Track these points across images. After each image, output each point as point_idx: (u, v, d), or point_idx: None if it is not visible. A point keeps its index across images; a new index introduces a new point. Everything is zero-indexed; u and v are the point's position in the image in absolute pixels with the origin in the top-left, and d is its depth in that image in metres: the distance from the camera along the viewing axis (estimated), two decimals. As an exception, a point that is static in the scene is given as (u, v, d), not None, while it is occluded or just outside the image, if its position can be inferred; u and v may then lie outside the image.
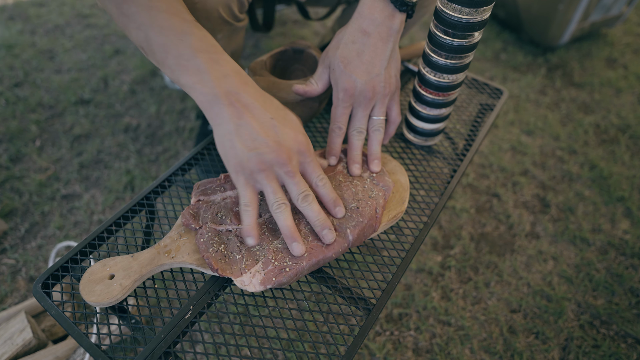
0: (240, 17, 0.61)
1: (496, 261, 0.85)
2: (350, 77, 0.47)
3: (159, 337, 0.40)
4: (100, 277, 0.41)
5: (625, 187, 0.99)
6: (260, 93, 0.41)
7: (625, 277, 0.83)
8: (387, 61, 0.47)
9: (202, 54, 0.39)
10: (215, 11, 0.56)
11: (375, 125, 0.50)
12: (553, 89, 1.26)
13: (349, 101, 0.48)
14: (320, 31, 1.39)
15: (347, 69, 0.47)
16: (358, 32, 0.47)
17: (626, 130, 1.14)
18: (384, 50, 0.47)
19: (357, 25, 0.47)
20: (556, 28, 1.28)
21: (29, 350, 0.61)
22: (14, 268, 0.79)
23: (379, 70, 0.47)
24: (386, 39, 0.47)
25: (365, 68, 0.47)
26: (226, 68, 0.39)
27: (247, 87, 0.40)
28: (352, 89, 0.47)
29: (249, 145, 0.38)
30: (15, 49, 1.24)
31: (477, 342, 0.73)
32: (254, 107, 0.39)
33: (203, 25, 0.57)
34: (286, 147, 0.40)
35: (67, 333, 0.58)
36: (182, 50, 0.39)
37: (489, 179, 1.00)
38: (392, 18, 0.46)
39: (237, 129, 0.39)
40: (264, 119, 0.39)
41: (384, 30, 0.46)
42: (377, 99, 0.48)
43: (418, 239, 0.49)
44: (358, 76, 0.47)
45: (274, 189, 0.40)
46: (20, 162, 0.96)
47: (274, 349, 0.39)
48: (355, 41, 0.47)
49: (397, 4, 0.45)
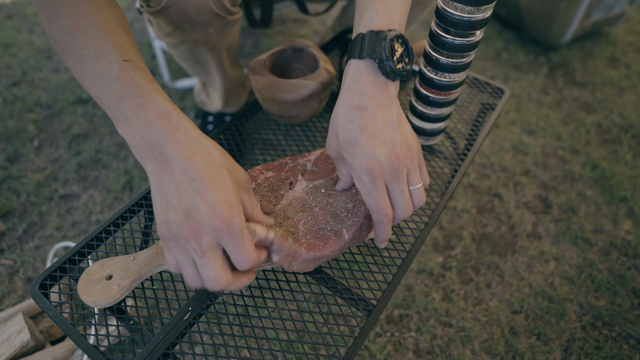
0: (233, 10, 0.60)
1: (497, 262, 0.84)
2: (366, 155, 0.39)
3: (157, 338, 0.39)
4: (98, 278, 0.41)
5: (628, 187, 0.99)
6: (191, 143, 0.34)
7: (628, 278, 0.82)
8: (397, 125, 0.40)
9: (125, 101, 0.35)
10: (206, 4, 0.55)
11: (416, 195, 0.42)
12: (555, 88, 1.25)
13: (380, 180, 0.39)
14: (320, 30, 1.38)
15: (359, 149, 0.39)
16: (351, 110, 0.40)
17: (629, 130, 1.14)
18: (389, 117, 0.40)
19: (347, 103, 0.40)
20: (558, 27, 1.28)
21: (26, 351, 0.61)
22: (12, 269, 0.79)
23: (395, 137, 0.40)
24: (386, 106, 0.40)
25: (380, 139, 0.39)
26: (150, 114, 0.34)
27: (175, 135, 0.34)
28: (377, 167, 0.39)
29: (163, 209, 0.34)
30: (13, 48, 1.24)
31: (478, 343, 0.73)
32: (176, 163, 0.34)
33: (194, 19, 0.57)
34: (196, 222, 0.33)
35: (65, 334, 0.58)
36: (110, 100, 0.35)
37: (490, 179, 0.99)
38: (386, 87, 0.40)
39: (157, 187, 0.34)
40: (183, 181, 0.33)
41: (380, 100, 0.40)
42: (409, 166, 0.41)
43: (419, 239, 0.48)
44: (376, 150, 0.39)
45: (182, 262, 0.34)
46: (18, 162, 0.96)
47: (273, 350, 0.39)
48: (352, 120, 0.40)
49: (389, 75, 0.40)
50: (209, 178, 0.33)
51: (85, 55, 0.36)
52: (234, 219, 0.33)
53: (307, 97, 0.53)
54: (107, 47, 0.37)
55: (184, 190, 0.33)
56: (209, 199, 0.33)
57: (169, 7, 0.55)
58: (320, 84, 0.54)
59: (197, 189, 0.33)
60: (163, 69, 1.13)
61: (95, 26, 0.37)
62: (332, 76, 0.56)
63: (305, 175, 0.49)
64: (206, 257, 0.33)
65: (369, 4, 0.42)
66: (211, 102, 0.92)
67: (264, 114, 0.65)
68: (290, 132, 0.63)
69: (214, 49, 0.67)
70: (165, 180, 0.34)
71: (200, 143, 0.35)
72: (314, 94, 0.54)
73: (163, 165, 0.34)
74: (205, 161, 0.34)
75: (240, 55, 1.26)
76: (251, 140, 0.62)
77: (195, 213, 0.33)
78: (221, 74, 0.78)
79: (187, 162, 0.34)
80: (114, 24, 0.38)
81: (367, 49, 0.40)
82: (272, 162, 0.51)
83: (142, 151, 0.35)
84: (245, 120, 0.64)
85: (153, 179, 0.35)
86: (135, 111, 0.35)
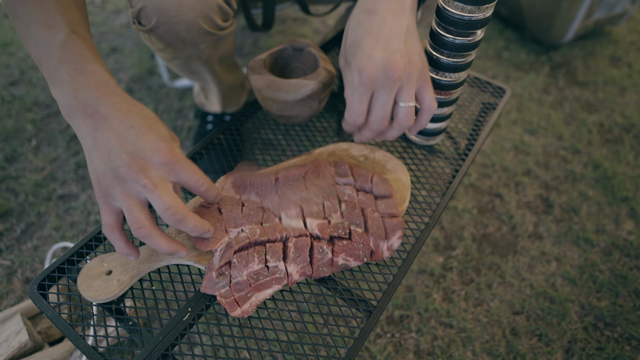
0: (224, 25, 0.60)
1: (498, 262, 0.84)
2: (364, 55, 0.39)
3: (156, 339, 0.39)
4: (98, 273, 0.41)
5: (630, 187, 0.98)
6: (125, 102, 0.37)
7: (630, 279, 0.82)
8: (404, 36, 0.39)
9: (66, 65, 0.36)
10: (196, 24, 0.55)
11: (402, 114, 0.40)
12: (556, 87, 1.25)
13: (368, 85, 0.39)
14: (320, 29, 1.38)
15: (359, 50, 0.39)
16: (363, 13, 0.40)
17: (630, 130, 1.13)
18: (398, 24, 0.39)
19: (360, 7, 0.41)
20: (559, 26, 1.27)
21: (24, 352, 0.60)
22: (10, 269, 0.79)
23: (398, 45, 0.39)
24: (398, 12, 0.39)
25: (381, 44, 0.38)
26: (89, 79, 0.36)
27: (110, 97, 0.36)
28: (370, 69, 0.38)
29: (104, 159, 0.35)
30: (11, 47, 1.24)
31: (479, 345, 0.73)
32: (113, 117, 0.36)
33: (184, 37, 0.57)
34: (142, 159, 0.35)
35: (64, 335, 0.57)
36: (50, 63, 0.37)
37: (492, 179, 0.99)
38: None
39: (94, 143, 0.36)
40: (122, 129, 0.36)
41: (393, 5, 0.39)
42: (403, 80, 0.39)
43: (419, 239, 0.48)
44: (374, 53, 0.38)
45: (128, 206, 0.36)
46: (16, 161, 0.96)
47: (273, 352, 0.39)
48: (362, 21, 0.40)
49: None
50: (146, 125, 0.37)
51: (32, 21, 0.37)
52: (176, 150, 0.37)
53: (307, 97, 0.53)
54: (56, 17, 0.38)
55: (124, 136, 0.36)
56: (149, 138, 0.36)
57: (159, 27, 0.55)
58: (320, 83, 0.53)
59: (137, 133, 0.36)
60: (162, 69, 1.12)
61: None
62: (332, 76, 0.55)
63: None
64: (159, 188, 0.36)
65: None
66: (210, 104, 0.92)
67: (264, 113, 0.65)
68: (290, 132, 0.62)
69: (207, 63, 0.67)
70: (104, 133, 0.36)
71: (135, 104, 0.38)
72: (314, 94, 0.53)
73: (98, 122, 0.36)
74: (140, 115, 0.37)
75: (240, 54, 1.25)
76: (250, 140, 0.62)
77: (140, 152, 0.36)
78: (216, 82, 0.78)
79: (124, 116, 0.36)
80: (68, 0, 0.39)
81: None
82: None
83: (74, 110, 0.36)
84: (245, 120, 0.63)
85: (89, 136, 0.36)
86: (73, 75, 0.36)
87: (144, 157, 0.35)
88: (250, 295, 0.41)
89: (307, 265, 0.42)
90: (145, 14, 0.54)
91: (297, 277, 0.42)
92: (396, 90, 0.40)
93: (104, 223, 0.37)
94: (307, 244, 0.43)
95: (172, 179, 0.37)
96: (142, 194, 0.36)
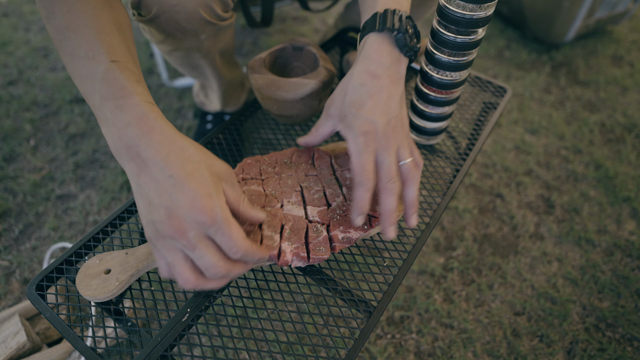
0: (225, 16, 0.60)
1: (500, 263, 0.83)
2: (367, 119, 0.42)
3: (155, 340, 0.39)
4: (96, 272, 0.41)
5: (632, 187, 0.98)
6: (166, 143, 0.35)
7: (632, 279, 0.82)
8: (399, 102, 0.44)
9: (108, 102, 0.35)
10: (196, 12, 0.55)
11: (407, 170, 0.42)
12: (558, 87, 1.24)
13: (373, 145, 0.41)
14: (320, 28, 1.37)
15: (362, 112, 0.42)
16: (367, 75, 0.43)
17: (632, 129, 1.13)
18: (396, 92, 0.43)
19: (364, 68, 0.44)
20: (561, 25, 1.27)
21: (23, 353, 0.60)
22: (8, 270, 0.79)
23: (395, 111, 0.43)
24: (397, 82, 0.44)
25: (382, 109, 0.42)
26: (129, 116, 0.35)
27: (151, 137, 0.34)
28: (373, 131, 0.41)
29: (146, 210, 0.34)
30: (9, 47, 1.24)
31: (480, 346, 0.72)
32: (152, 162, 0.34)
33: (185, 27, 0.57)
34: (178, 217, 0.33)
35: (62, 336, 0.57)
36: (95, 100, 0.36)
37: (493, 179, 0.98)
38: (399, 63, 0.44)
39: (138, 190, 0.35)
40: (160, 179, 0.34)
41: (394, 74, 0.44)
42: (399, 141, 0.43)
43: (420, 240, 0.48)
44: (376, 117, 0.42)
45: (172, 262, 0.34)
46: (14, 161, 0.95)
47: (273, 353, 0.38)
48: (365, 84, 0.43)
49: (404, 49, 0.44)
50: (186, 173, 0.34)
51: (76, 55, 0.37)
52: (216, 209, 0.34)
53: (307, 96, 0.53)
54: (96, 47, 0.37)
55: (162, 188, 0.34)
56: (187, 193, 0.33)
57: (160, 16, 0.55)
58: (320, 82, 0.53)
59: (174, 185, 0.33)
60: (161, 68, 1.12)
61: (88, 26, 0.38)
62: (332, 75, 0.55)
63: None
64: (198, 249, 0.33)
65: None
66: (210, 103, 0.92)
67: (264, 113, 0.65)
68: (290, 132, 0.62)
69: (208, 55, 0.67)
70: (144, 181, 0.34)
71: (176, 142, 0.35)
72: (313, 93, 0.53)
73: (140, 167, 0.34)
74: (180, 158, 0.34)
75: (239, 53, 1.25)
76: (250, 140, 0.61)
77: (176, 209, 0.33)
78: (217, 77, 0.77)
79: (163, 161, 0.34)
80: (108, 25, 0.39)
81: (387, 23, 0.43)
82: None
83: (120, 153, 0.35)
84: (245, 119, 0.63)
85: (133, 182, 0.35)
86: (115, 112, 0.35)
87: (180, 216, 0.33)
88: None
89: (301, 246, 0.42)
90: (145, 4, 0.54)
91: (289, 256, 0.42)
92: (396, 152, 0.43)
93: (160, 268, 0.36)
94: (303, 227, 0.43)
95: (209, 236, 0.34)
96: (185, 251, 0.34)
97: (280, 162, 0.50)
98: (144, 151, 0.34)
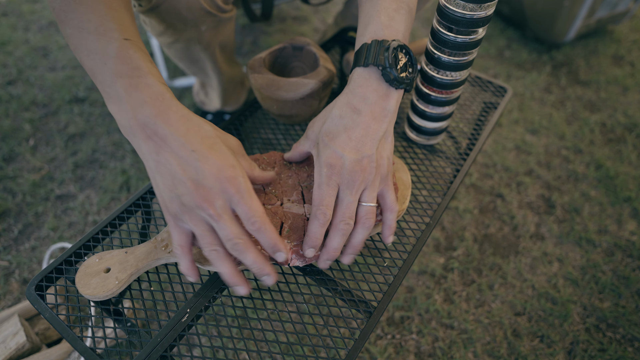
0: (226, 8, 0.60)
1: (500, 263, 0.83)
2: (336, 152, 0.40)
3: (155, 340, 0.39)
4: (96, 270, 0.41)
5: (632, 188, 0.98)
6: (183, 120, 0.36)
7: (632, 280, 0.81)
8: (378, 141, 0.41)
9: (121, 80, 0.35)
10: (197, 2, 0.55)
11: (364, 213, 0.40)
12: (558, 87, 1.24)
13: (336, 180, 0.40)
14: (320, 28, 1.37)
15: (333, 144, 0.40)
16: (347, 108, 0.41)
17: (633, 129, 1.12)
18: (376, 130, 0.41)
19: (347, 101, 0.42)
20: (561, 25, 1.27)
21: (22, 354, 0.60)
22: (7, 270, 0.78)
23: (369, 151, 0.40)
24: (379, 119, 0.41)
25: (354, 145, 0.40)
26: (145, 94, 0.35)
27: (168, 115, 0.35)
28: (339, 166, 0.39)
29: (169, 185, 0.35)
30: (9, 46, 1.24)
31: (480, 346, 0.72)
32: (173, 139, 0.35)
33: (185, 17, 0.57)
34: (205, 188, 0.34)
35: (62, 336, 0.57)
36: (105, 76, 0.36)
37: (493, 179, 0.98)
38: (387, 98, 0.42)
39: (157, 166, 0.35)
40: (184, 153, 0.35)
41: (377, 110, 0.41)
42: (368, 182, 0.40)
43: (420, 240, 0.48)
44: (346, 152, 0.40)
45: (201, 232, 0.35)
46: (14, 161, 0.95)
47: (272, 353, 0.38)
48: (344, 117, 0.41)
49: (392, 82, 0.41)
50: (207, 147, 0.35)
51: (84, 29, 0.37)
52: (239, 178, 0.35)
53: (307, 96, 0.53)
54: (108, 23, 0.37)
55: (187, 162, 0.34)
56: (212, 165, 0.35)
57: (160, 5, 0.55)
58: (320, 82, 0.53)
59: (198, 158, 0.34)
60: (161, 67, 1.12)
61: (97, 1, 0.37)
62: (332, 75, 0.55)
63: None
64: (223, 219, 0.35)
65: (374, 17, 0.43)
66: (210, 102, 0.92)
67: (263, 113, 0.65)
68: (290, 132, 0.62)
69: (208, 48, 0.67)
70: (166, 157, 0.35)
71: (192, 119, 0.36)
72: (314, 93, 0.53)
73: (159, 144, 0.35)
74: (199, 134, 0.36)
75: (239, 53, 1.25)
76: (250, 140, 0.61)
77: (204, 180, 0.34)
78: (217, 73, 0.77)
79: (183, 137, 0.35)
80: (116, 2, 0.39)
81: (371, 57, 0.41)
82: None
83: (134, 131, 0.35)
84: (244, 119, 0.63)
85: (151, 159, 0.35)
86: (129, 90, 0.35)
87: (207, 186, 0.34)
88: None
89: (300, 243, 0.42)
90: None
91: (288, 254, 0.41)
92: (360, 192, 0.40)
93: (176, 242, 0.37)
94: (302, 225, 0.43)
95: (232, 207, 0.36)
96: (209, 221, 0.35)
97: (279, 162, 0.50)
98: (162, 129, 0.35)
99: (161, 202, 0.36)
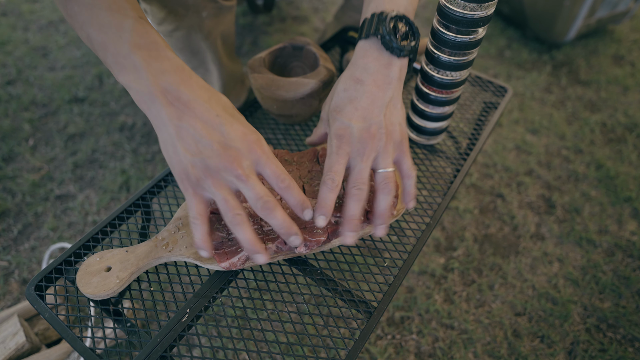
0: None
1: (500, 263, 0.83)
2: (343, 123, 0.41)
3: (155, 340, 0.39)
4: (97, 269, 0.41)
5: (633, 188, 0.97)
6: (205, 89, 0.37)
7: (633, 280, 0.81)
8: (385, 108, 0.42)
9: (140, 51, 0.36)
10: None
11: (382, 179, 0.41)
12: (558, 86, 1.24)
13: (345, 149, 0.41)
14: (320, 27, 1.37)
15: (340, 116, 0.42)
16: (350, 81, 0.43)
17: (634, 129, 1.12)
18: (381, 97, 0.42)
19: (349, 74, 0.43)
20: (562, 24, 1.26)
21: (22, 354, 0.60)
22: (7, 270, 0.78)
23: (377, 117, 0.41)
24: (383, 87, 0.42)
25: (360, 114, 0.41)
26: (165, 64, 0.36)
27: (190, 83, 0.36)
28: (348, 135, 0.41)
29: (192, 150, 0.35)
30: (8, 46, 1.23)
31: (480, 346, 0.72)
32: (197, 104, 0.35)
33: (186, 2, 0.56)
34: (233, 149, 0.35)
35: (61, 337, 0.57)
36: (119, 48, 0.36)
37: (493, 179, 0.98)
38: (389, 66, 0.43)
39: (178, 132, 0.35)
40: (208, 117, 0.35)
41: (379, 78, 0.42)
42: (379, 148, 0.41)
43: (420, 240, 0.48)
44: (353, 122, 0.41)
45: (224, 197, 0.35)
46: (13, 161, 0.95)
47: (272, 353, 0.38)
48: (347, 89, 0.43)
49: (393, 50, 0.42)
50: (230, 115, 0.37)
51: (95, 5, 0.37)
52: (263, 142, 0.37)
53: (307, 96, 0.53)
54: (120, 2, 0.37)
55: (212, 125, 0.35)
56: (237, 128, 0.36)
57: None
58: (320, 82, 0.53)
59: (224, 123, 0.36)
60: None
61: None
62: (332, 74, 0.55)
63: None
64: (251, 179, 0.35)
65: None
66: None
67: (263, 112, 0.65)
68: (290, 132, 0.62)
69: (209, 37, 0.67)
70: (189, 122, 0.35)
71: (212, 90, 0.38)
72: (313, 93, 0.53)
73: (182, 110, 0.35)
74: (220, 104, 0.37)
75: (239, 53, 1.25)
76: (250, 140, 0.61)
77: (231, 142, 0.35)
78: (218, 66, 0.77)
79: (208, 104, 0.36)
80: None
81: (371, 28, 0.42)
82: None
83: (154, 97, 0.35)
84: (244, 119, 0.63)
85: (172, 125, 0.35)
86: (149, 61, 0.36)
87: (235, 147, 0.35)
88: (240, 250, 0.41)
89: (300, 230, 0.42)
90: None
91: None
92: (372, 159, 0.41)
93: (194, 211, 0.36)
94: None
95: (258, 170, 0.37)
96: (235, 184, 0.35)
97: (280, 159, 0.50)
98: (185, 95, 0.35)
99: (179, 170, 0.36)
